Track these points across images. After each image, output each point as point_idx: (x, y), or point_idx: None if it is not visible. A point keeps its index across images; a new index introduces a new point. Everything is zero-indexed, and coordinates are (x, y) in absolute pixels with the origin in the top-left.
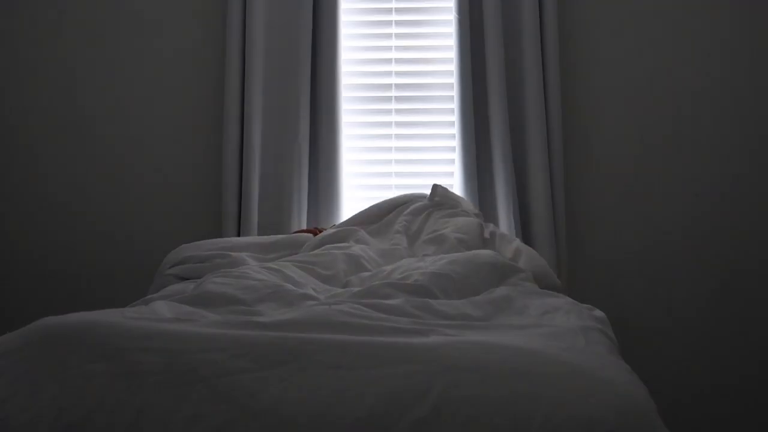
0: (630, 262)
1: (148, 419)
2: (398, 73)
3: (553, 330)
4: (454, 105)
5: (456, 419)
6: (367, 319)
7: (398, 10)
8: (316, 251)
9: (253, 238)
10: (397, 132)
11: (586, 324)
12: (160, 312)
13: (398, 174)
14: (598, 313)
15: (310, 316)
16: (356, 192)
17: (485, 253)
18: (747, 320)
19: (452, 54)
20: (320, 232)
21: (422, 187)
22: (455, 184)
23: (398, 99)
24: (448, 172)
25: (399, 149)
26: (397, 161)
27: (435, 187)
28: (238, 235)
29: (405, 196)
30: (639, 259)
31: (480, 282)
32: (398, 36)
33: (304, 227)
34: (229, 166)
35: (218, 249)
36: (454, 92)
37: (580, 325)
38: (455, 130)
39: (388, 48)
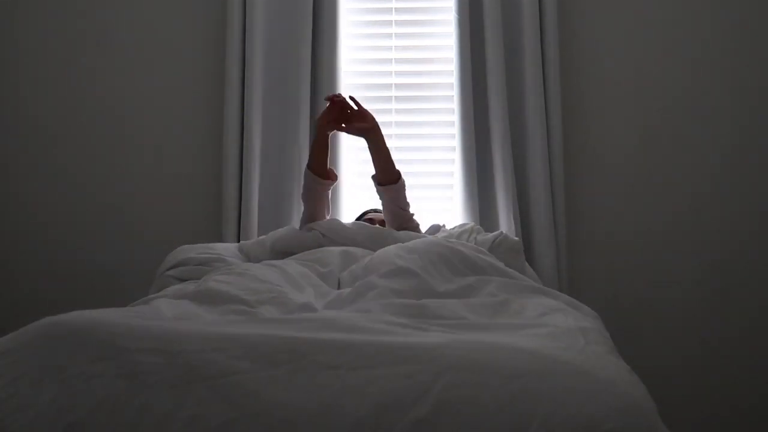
0: (630, 261)
1: (149, 419)
2: (398, 73)
3: (552, 330)
4: (454, 105)
5: (456, 419)
6: (368, 322)
7: (398, 10)
8: (314, 250)
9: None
10: (397, 132)
11: (585, 324)
12: (161, 311)
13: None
14: (590, 312)
15: (309, 317)
16: (357, 192)
17: (433, 238)
18: (748, 320)
19: (452, 54)
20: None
21: (422, 186)
22: (455, 185)
23: (398, 99)
24: (448, 172)
25: (399, 149)
26: (397, 161)
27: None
28: (238, 237)
29: None
30: (639, 260)
31: (439, 269)
32: (398, 36)
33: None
34: (229, 168)
35: (216, 253)
36: (454, 92)
37: (578, 325)
38: (455, 130)
39: (388, 48)
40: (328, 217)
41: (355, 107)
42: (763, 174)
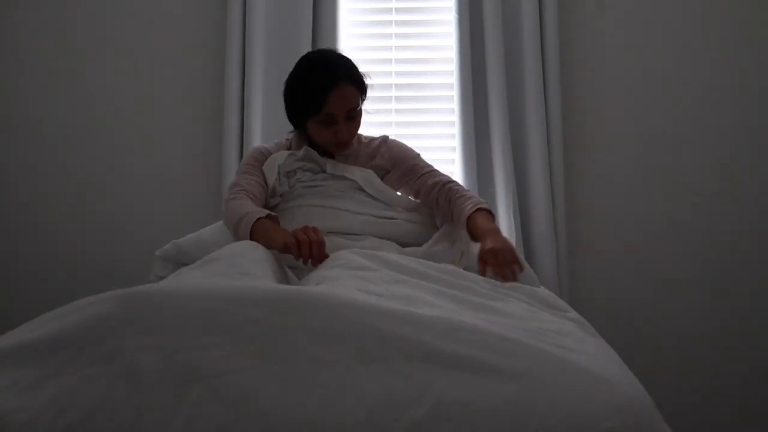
0: (630, 261)
1: (147, 421)
2: (398, 73)
3: (546, 327)
4: (454, 105)
5: (453, 421)
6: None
7: (398, 10)
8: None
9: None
10: (397, 132)
11: (578, 323)
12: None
13: None
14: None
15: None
16: None
17: None
18: (747, 320)
19: (452, 54)
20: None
21: None
22: None
23: (398, 99)
24: (448, 172)
25: None
26: None
27: None
28: None
29: None
30: (639, 259)
31: None
32: (398, 36)
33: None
34: (229, 168)
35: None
36: (454, 92)
37: (573, 324)
38: (455, 130)
39: (388, 48)
40: None
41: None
42: (764, 174)
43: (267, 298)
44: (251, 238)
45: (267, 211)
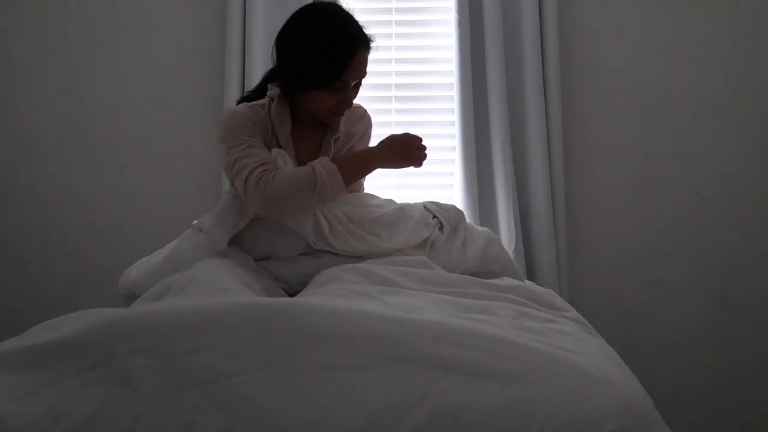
0: (630, 262)
1: (146, 427)
2: (398, 73)
3: (546, 327)
4: (454, 105)
5: (454, 425)
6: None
7: (398, 10)
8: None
9: None
10: (397, 132)
11: (577, 322)
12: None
13: (398, 174)
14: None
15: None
16: None
17: None
18: (747, 320)
19: (452, 54)
20: None
21: (422, 187)
22: (455, 185)
23: (398, 99)
24: (448, 172)
25: None
26: None
27: None
28: None
29: None
30: (639, 260)
31: None
32: (398, 36)
33: None
34: None
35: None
36: (454, 92)
37: (572, 323)
38: (455, 130)
39: (388, 48)
40: None
41: None
42: (764, 174)
43: (264, 307)
44: (347, 182)
45: (326, 158)
